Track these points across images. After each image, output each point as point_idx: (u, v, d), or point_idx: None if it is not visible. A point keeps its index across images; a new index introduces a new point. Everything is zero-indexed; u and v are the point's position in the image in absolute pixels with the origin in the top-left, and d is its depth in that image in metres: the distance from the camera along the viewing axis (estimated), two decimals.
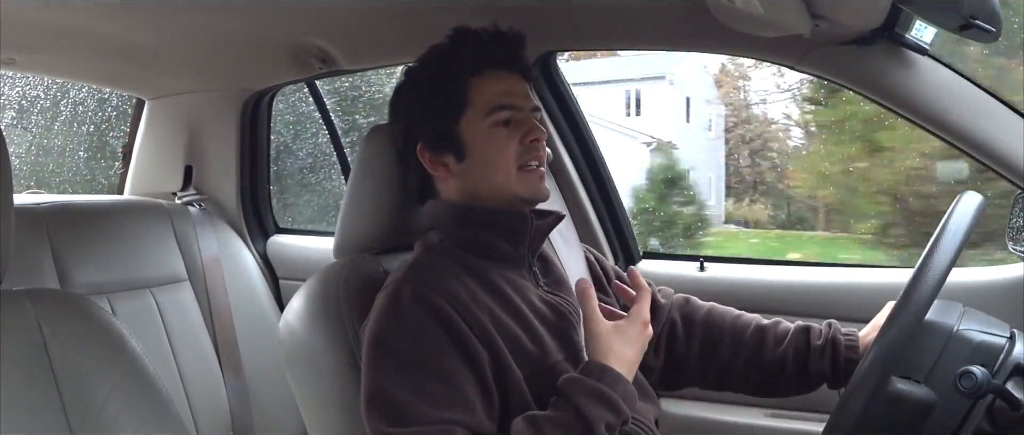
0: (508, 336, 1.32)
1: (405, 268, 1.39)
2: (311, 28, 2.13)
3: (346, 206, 1.58)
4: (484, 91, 1.41)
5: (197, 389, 2.31)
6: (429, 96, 1.44)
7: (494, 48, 1.44)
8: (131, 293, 2.28)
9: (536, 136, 1.42)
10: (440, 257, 1.41)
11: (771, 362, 1.53)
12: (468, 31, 1.45)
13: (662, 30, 1.82)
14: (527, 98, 1.45)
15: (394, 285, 1.35)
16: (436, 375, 1.25)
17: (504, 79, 1.44)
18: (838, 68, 1.63)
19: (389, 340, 1.29)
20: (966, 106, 1.55)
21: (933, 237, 1.25)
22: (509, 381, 1.30)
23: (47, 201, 2.33)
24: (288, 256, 2.75)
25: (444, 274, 1.35)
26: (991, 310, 1.38)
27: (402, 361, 1.27)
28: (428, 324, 1.28)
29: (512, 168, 1.41)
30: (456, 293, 1.32)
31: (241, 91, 2.61)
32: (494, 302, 1.35)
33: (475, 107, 1.41)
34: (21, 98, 3.72)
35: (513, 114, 1.42)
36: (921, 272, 1.22)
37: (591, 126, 2.27)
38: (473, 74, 1.42)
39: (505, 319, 1.34)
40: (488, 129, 1.41)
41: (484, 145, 1.41)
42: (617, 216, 2.28)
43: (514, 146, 1.41)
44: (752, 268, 2.13)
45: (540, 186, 1.44)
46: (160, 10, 2.02)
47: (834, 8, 1.40)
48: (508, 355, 1.31)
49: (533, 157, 1.42)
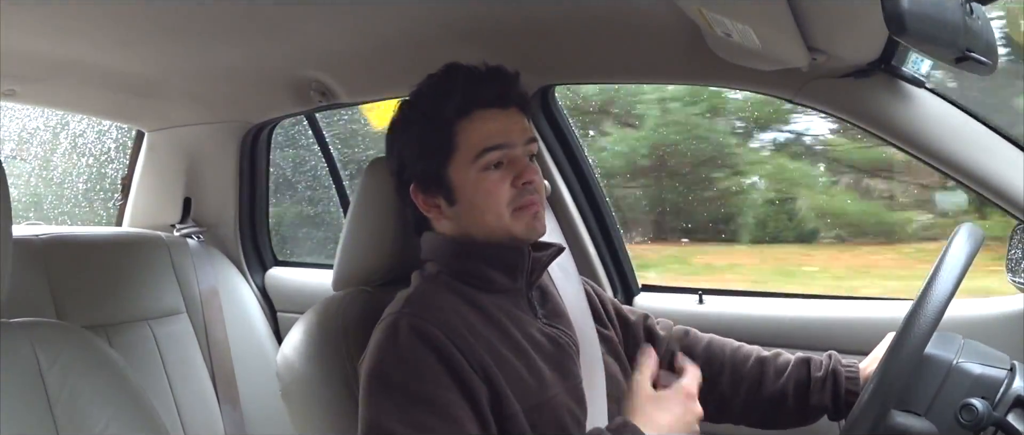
0: (507, 369, 1.31)
1: (403, 301, 1.38)
2: (310, 61, 2.14)
3: (345, 239, 1.58)
4: (471, 134, 1.38)
5: (194, 421, 2.30)
6: (417, 139, 1.43)
7: (481, 89, 1.40)
8: (128, 325, 2.27)
9: (528, 178, 1.39)
10: (438, 289, 1.40)
11: (772, 394, 1.53)
12: (456, 71, 1.42)
13: (660, 64, 1.83)
14: (521, 132, 1.41)
15: (392, 318, 1.34)
16: (434, 409, 1.24)
17: (494, 118, 1.40)
18: (835, 101, 1.63)
19: (387, 373, 1.28)
20: (964, 138, 1.56)
21: (932, 269, 1.25)
22: (507, 415, 1.29)
23: (45, 233, 2.33)
24: (286, 289, 2.75)
25: (442, 306, 1.34)
26: (990, 342, 1.38)
27: (400, 395, 1.26)
28: (426, 357, 1.27)
29: (504, 211, 1.39)
30: (454, 326, 1.30)
31: (241, 124, 2.62)
32: (492, 335, 1.34)
33: (462, 152, 1.38)
34: (21, 130, 3.72)
35: (505, 154, 1.39)
36: (920, 305, 1.21)
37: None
38: (460, 117, 1.38)
39: (504, 352, 1.33)
40: (477, 174, 1.38)
41: (474, 191, 1.39)
42: (615, 249, 2.27)
43: (506, 189, 1.38)
44: (751, 301, 2.12)
45: (535, 225, 1.41)
46: (160, 43, 2.04)
47: (831, 41, 1.41)
48: (506, 388, 1.29)
49: (528, 200, 1.40)
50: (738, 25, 1.37)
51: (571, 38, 1.80)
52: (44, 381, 1.17)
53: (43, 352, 1.18)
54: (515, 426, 1.29)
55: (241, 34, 1.95)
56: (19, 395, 1.15)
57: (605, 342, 1.52)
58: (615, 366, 1.50)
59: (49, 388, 1.17)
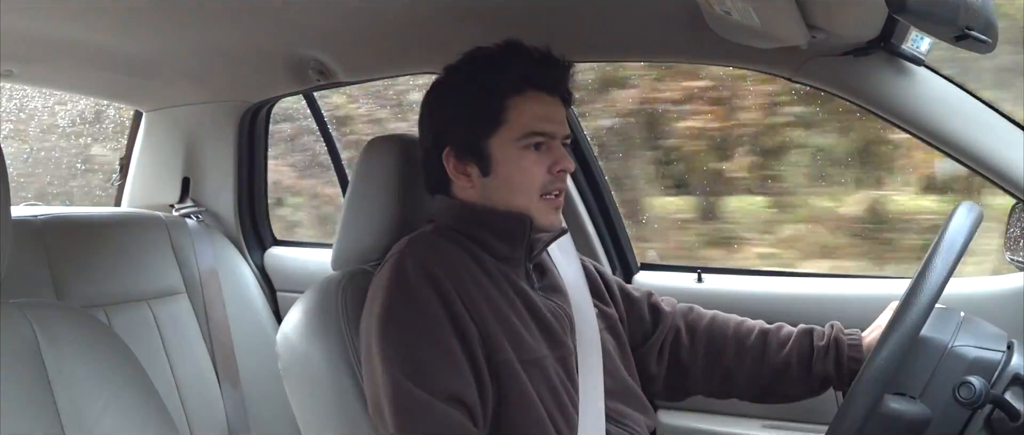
0: (501, 318, 1.34)
1: (407, 242, 1.41)
2: (309, 40, 2.13)
3: (344, 218, 1.58)
4: (523, 113, 1.40)
5: (194, 401, 2.31)
6: (465, 105, 1.43)
7: (542, 70, 1.43)
8: (128, 305, 2.27)
9: (564, 166, 1.42)
10: (441, 239, 1.42)
11: (776, 365, 1.53)
12: (517, 48, 1.43)
13: (659, 42, 1.83)
14: (562, 125, 1.44)
15: (397, 256, 1.37)
16: (438, 348, 1.28)
17: (544, 102, 1.43)
18: (834, 79, 1.63)
19: (396, 313, 1.31)
20: (962, 117, 1.55)
21: (930, 249, 1.25)
22: (502, 361, 1.31)
23: (44, 213, 2.32)
24: (286, 268, 2.75)
25: (445, 252, 1.38)
26: (989, 321, 1.38)
27: (408, 335, 1.29)
28: (429, 295, 1.30)
29: (535, 195, 1.41)
30: (454, 270, 1.34)
31: (239, 103, 2.61)
32: (491, 286, 1.37)
33: (510, 127, 1.40)
34: (19, 110, 3.72)
35: (546, 141, 1.41)
36: (917, 285, 1.21)
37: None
38: (514, 92, 1.41)
39: (500, 305, 1.36)
40: (518, 151, 1.40)
41: (512, 167, 1.41)
42: (614, 228, 2.28)
43: (541, 173, 1.41)
44: (750, 279, 2.13)
45: (555, 218, 1.45)
46: (158, 23, 2.03)
47: (830, 19, 1.40)
48: (502, 336, 1.32)
49: (557, 188, 1.43)
50: (738, 3, 1.36)
51: (570, 17, 1.80)
52: (44, 361, 1.17)
53: (43, 332, 1.18)
54: (510, 371, 1.32)
55: (239, 13, 1.94)
56: (18, 376, 1.15)
57: (604, 318, 1.53)
58: (612, 342, 1.52)
59: (49, 368, 1.17)
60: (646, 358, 1.59)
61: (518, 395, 1.31)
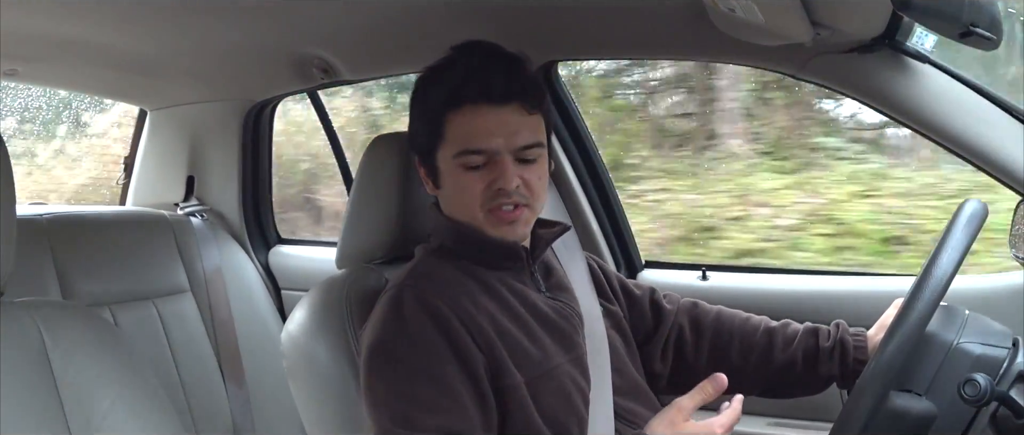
0: (508, 340, 1.32)
1: (406, 273, 1.39)
2: (312, 38, 2.13)
3: (348, 216, 1.58)
4: (457, 129, 1.35)
5: (199, 399, 2.31)
6: (415, 118, 1.43)
7: (474, 83, 1.34)
8: (133, 304, 2.28)
9: (501, 186, 1.34)
10: (441, 262, 1.41)
11: (781, 364, 1.53)
12: (456, 60, 1.38)
13: (663, 39, 1.82)
14: (511, 135, 1.34)
15: (395, 290, 1.35)
16: (434, 382, 1.25)
17: (483, 115, 1.34)
18: (839, 76, 1.62)
19: (390, 346, 1.29)
20: (968, 113, 1.55)
21: (935, 247, 1.24)
22: (508, 386, 1.30)
23: (49, 212, 2.33)
24: (290, 267, 2.75)
25: (445, 279, 1.36)
26: (994, 318, 1.37)
27: (402, 368, 1.27)
28: (428, 330, 1.28)
29: (478, 212, 1.36)
30: (456, 297, 1.32)
31: (243, 102, 2.61)
32: (495, 307, 1.35)
33: (447, 144, 1.37)
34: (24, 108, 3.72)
35: (484, 158, 1.34)
36: (922, 283, 1.21)
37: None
38: (449, 108, 1.35)
39: (506, 324, 1.34)
40: (456, 168, 1.36)
41: (452, 182, 1.38)
42: (619, 224, 2.27)
43: (479, 191, 1.35)
44: (755, 276, 2.13)
45: (508, 229, 1.38)
46: (162, 21, 2.03)
47: (835, 16, 1.40)
48: (508, 360, 1.30)
49: (503, 202, 1.35)
50: (742, 0, 1.36)
51: (574, 14, 1.79)
52: (49, 360, 1.17)
53: (48, 331, 1.19)
54: (516, 397, 1.30)
55: (242, 11, 1.94)
56: (24, 375, 1.15)
57: (609, 316, 1.53)
58: (619, 339, 1.51)
59: (54, 367, 1.17)
60: (650, 356, 1.58)
61: (523, 421, 1.30)
